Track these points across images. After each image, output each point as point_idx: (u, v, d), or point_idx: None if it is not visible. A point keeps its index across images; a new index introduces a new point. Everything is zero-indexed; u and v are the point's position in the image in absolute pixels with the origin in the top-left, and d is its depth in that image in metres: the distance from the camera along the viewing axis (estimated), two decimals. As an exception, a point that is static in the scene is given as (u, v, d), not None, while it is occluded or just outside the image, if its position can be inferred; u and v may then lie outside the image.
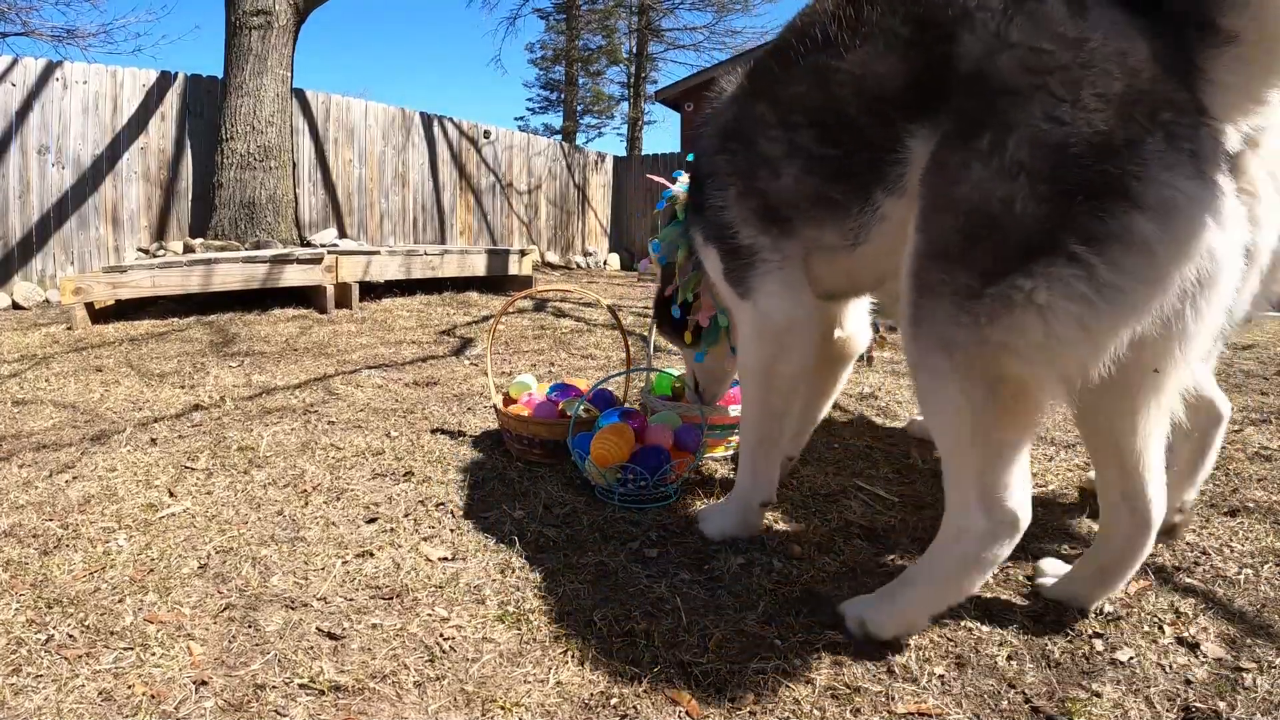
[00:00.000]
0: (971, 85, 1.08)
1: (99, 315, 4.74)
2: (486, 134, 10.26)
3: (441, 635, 1.39)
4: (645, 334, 3.36)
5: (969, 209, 1.06)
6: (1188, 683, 1.24)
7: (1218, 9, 0.93)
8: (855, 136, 1.26)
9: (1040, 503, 1.94)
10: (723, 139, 1.50)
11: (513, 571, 1.61)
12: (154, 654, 1.32)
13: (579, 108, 24.47)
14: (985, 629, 1.39)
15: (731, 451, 2.24)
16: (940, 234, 1.10)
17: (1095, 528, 1.76)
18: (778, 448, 1.69)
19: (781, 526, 1.81)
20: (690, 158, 1.67)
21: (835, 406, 2.89)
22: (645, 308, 3.59)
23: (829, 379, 1.87)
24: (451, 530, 1.82)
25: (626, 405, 2.35)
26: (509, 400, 2.46)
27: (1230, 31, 0.93)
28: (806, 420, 1.93)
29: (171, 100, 6.93)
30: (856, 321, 1.87)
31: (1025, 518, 1.19)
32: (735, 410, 2.17)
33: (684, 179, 1.87)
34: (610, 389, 2.57)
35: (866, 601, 1.35)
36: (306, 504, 1.96)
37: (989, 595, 1.50)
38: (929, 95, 1.14)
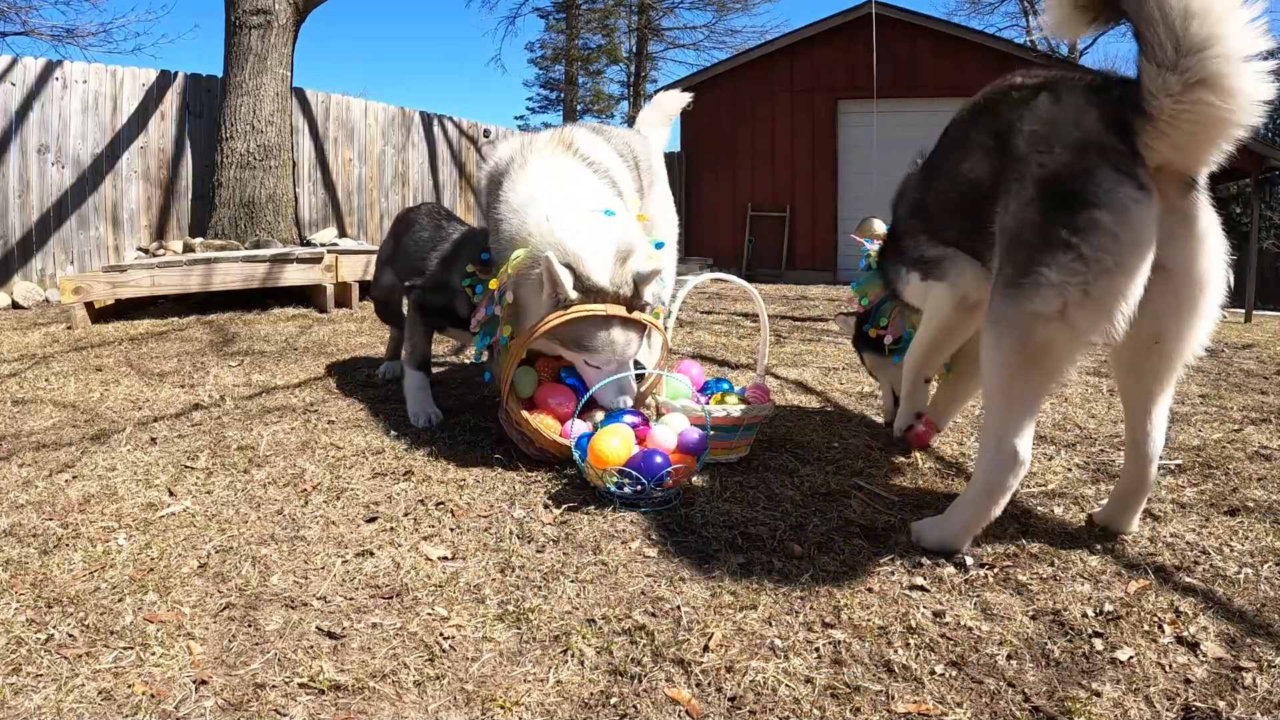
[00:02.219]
0: (1014, 162, 1.60)
1: (99, 315, 4.74)
2: (486, 133, 10.26)
3: (441, 635, 1.39)
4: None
5: (1013, 229, 1.57)
6: (1188, 682, 1.24)
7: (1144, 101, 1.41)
8: (964, 213, 1.82)
9: (1046, 503, 1.95)
10: (909, 212, 2.16)
11: (513, 571, 1.62)
12: (154, 653, 1.32)
13: (579, 107, 24.45)
14: (985, 628, 1.39)
15: (735, 456, 2.22)
16: (1003, 253, 1.59)
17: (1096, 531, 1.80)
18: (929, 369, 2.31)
19: (782, 526, 1.81)
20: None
21: (834, 406, 2.89)
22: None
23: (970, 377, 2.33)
24: (451, 530, 1.82)
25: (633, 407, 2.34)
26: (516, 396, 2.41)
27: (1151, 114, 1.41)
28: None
29: (171, 99, 6.92)
30: None
31: (1025, 458, 1.58)
32: (754, 411, 2.20)
33: (874, 245, 2.50)
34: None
35: (931, 522, 1.73)
36: (306, 503, 1.96)
37: (989, 595, 1.51)
38: (999, 182, 1.64)
